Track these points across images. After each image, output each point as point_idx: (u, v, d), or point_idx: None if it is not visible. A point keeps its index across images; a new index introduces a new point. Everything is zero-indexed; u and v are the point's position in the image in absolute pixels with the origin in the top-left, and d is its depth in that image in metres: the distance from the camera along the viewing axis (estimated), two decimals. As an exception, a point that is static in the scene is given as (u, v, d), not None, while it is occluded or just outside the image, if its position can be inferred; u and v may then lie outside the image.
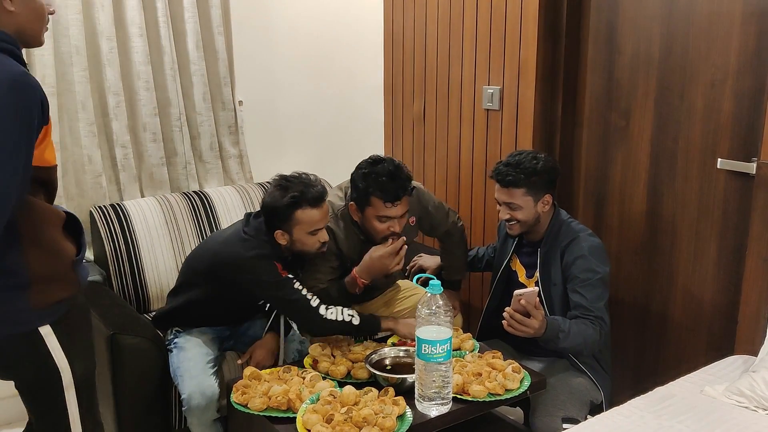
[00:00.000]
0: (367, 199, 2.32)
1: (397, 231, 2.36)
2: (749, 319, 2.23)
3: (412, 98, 3.36)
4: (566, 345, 2.17)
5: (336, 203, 2.48)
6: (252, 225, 2.26)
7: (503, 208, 2.34)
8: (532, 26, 2.72)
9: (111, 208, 2.76)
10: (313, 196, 2.19)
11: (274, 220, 2.21)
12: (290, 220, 2.19)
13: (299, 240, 2.22)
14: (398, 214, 2.33)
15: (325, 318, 2.20)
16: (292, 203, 2.18)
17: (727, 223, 2.41)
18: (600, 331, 2.22)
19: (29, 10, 1.58)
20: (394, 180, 2.29)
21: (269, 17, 3.27)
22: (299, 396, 1.94)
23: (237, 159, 3.23)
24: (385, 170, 2.29)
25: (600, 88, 2.73)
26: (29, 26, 1.60)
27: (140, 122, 2.94)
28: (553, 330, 2.13)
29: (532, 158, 2.31)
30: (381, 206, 2.30)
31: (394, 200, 2.29)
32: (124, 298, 2.71)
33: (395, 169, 2.31)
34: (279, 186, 2.23)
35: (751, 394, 1.92)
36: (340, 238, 2.43)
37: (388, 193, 2.28)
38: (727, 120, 2.36)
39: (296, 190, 2.19)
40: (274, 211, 2.21)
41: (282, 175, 2.28)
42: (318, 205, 2.21)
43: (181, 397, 2.19)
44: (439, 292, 1.88)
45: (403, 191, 2.30)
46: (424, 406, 1.90)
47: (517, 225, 2.33)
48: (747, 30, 2.27)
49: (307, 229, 2.21)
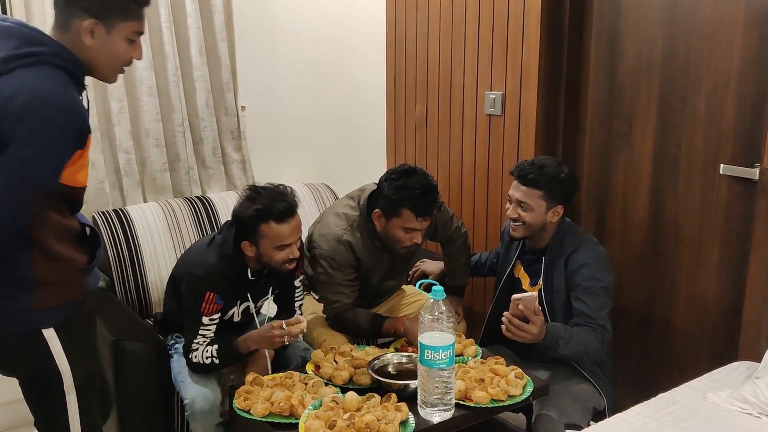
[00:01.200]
0: (397, 210, 2.32)
1: (418, 243, 2.39)
2: (752, 325, 2.22)
3: (414, 103, 3.37)
4: (566, 352, 2.17)
5: (351, 214, 2.48)
6: (224, 234, 2.23)
7: (513, 206, 2.33)
8: (534, 31, 2.72)
9: (114, 214, 2.77)
10: (279, 211, 2.12)
11: (242, 231, 2.17)
12: (256, 233, 2.14)
13: (265, 253, 2.17)
14: (424, 227, 2.36)
15: (191, 361, 2.19)
16: (256, 216, 2.12)
17: (730, 229, 2.40)
18: (602, 339, 2.21)
19: (107, 51, 1.62)
20: (427, 195, 2.30)
21: (272, 23, 3.28)
22: (302, 402, 1.94)
23: (240, 164, 3.23)
24: (419, 183, 2.30)
25: (602, 94, 2.73)
26: (101, 64, 1.64)
27: (143, 128, 2.95)
28: (553, 337, 2.13)
29: (558, 165, 2.33)
30: (412, 219, 2.31)
31: (426, 215, 2.31)
32: (127, 303, 2.71)
33: (428, 183, 2.32)
34: (248, 197, 2.17)
35: (755, 401, 1.91)
36: (358, 248, 2.43)
37: (420, 207, 2.29)
38: (730, 125, 2.36)
39: (262, 203, 2.12)
40: (241, 222, 2.16)
41: (254, 185, 2.23)
42: (284, 220, 2.13)
43: (184, 402, 2.19)
44: (442, 297, 1.88)
45: (434, 206, 2.33)
46: (427, 412, 1.90)
47: (522, 227, 2.33)
48: (749, 35, 2.27)
49: (274, 243, 2.15)
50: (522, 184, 2.31)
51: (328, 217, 2.52)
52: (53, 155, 1.51)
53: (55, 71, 1.54)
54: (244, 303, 2.30)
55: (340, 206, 2.55)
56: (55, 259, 1.61)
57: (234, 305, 2.28)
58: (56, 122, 1.48)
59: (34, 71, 1.51)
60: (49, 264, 1.60)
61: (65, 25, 1.58)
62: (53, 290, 1.63)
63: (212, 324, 2.20)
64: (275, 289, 2.37)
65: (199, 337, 2.19)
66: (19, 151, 1.46)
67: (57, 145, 1.50)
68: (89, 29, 1.57)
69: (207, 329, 2.19)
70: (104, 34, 1.59)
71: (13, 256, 1.56)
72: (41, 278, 1.60)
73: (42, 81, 1.50)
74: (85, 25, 1.57)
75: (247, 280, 2.25)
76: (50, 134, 1.48)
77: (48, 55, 1.54)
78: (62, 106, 1.50)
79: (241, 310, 2.31)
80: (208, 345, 2.19)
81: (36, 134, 1.46)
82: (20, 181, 1.48)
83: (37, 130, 1.46)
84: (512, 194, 2.34)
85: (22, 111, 1.45)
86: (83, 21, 1.56)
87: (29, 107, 1.45)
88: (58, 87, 1.51)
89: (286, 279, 2.36)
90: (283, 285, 2.37)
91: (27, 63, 1.52)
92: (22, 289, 1.59)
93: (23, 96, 1.46)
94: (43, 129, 1.47)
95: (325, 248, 2.40)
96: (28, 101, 1.46)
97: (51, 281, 1.62)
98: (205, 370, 2.21)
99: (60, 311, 1.65)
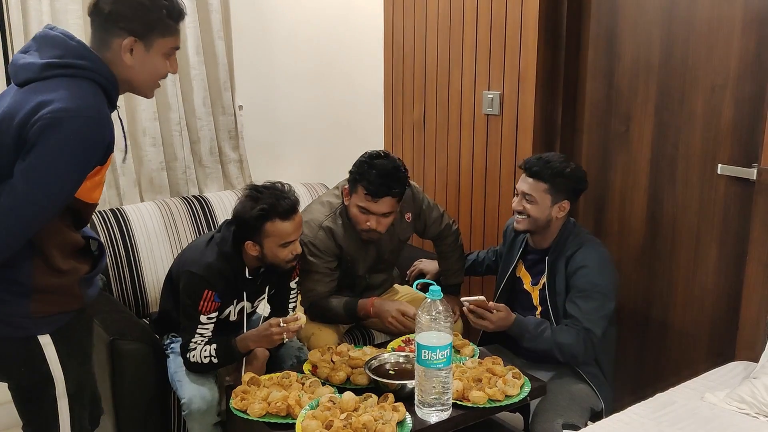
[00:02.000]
0: (354, 186, 2.37)
1: (374, 228, 2.37)
2: (750, 325, 2.22)
3: (412, 103, 3.36)
4: (532, 346, 2.25)
5: (334, 202, 2.51)
6: (223, 233, 2.23)
7: (519, 199, 2.35)
8: (532, 32, 2.72)
9: (111, 213, 2.76)
10: (284, 209, 2.13)
11: (245, 231, 2.17)
12: (260, 233, 2.14)
13: (270, 252, 2.17)
14: (378, 211, 2.35)
15: (188, 360, 2.19)
16: (261, 215, 2.12)
17: (728, 229, 2.40)
18: (584, 341, 2.21)
19: (146, 68, 1.63)
20: (383, 178, 2.31)
21: (269, 22, 3.28)
22: (298, 402, 1.93)
23: (237, 164, 3.23)
24: (379, 166, 2.32)
25: (600, 94, 2.73)
26: (140, 81, 1.65)
27: (140, 127, 2.94)
28: (519, 328, 2.24)
29: (563, 160, 2.35)
30: (363, 197, 2.33)
31: (375, 196, 2.32)
32: (124, 303, 2.71)
33: (391, 169, 2.33)
34: (249, 196, 2.17)
35: (752, 401, 1.91)
36: (339, 235, 2.45)
37: (372, 185, 2.31)
38: (728, 126, 2.36)
39: (266, 202, 2.12)
40: (244, 223, 2.16)
41: (253, 184, 2.24)
42: (289, 217, 2.14)
43: (181, 402, 2.18)
44: (440, 297, 1.88)
45: (386, 190, 2.32)
46: (424, 412, 1.89)
47: (525, 220, 2.33)
48: (747, 35, 2.27)
49: (278, 241, 2.15)
50: (528, 176, 2.33)
51: (312, 205, 2.56)
52: (77, 166, 1.51)
53: (93, 87, 1.55)
54: (241, 302, 2.29)
55: (326, 195, 2.59)
56: (53, 268, 1.61)
57: (231, 304, 2.28)
58: (85, 135, 1.49)
59: (73, 83, 1.52)
60: (46, 272, 1.60)
61: (104, 43, 1.58)
62: (51, 298, 1.62)
63: (210, 323, 2.19)
64: (271, 288, 2.37)
65: (196, 336, 2.18)
66: (44, 156, 1.46)
67: (82, 156, 1.50)
68: (129, 47, 1.58)
69: (205, 328, 2.19)
70: (143, 51, 1.60)
71: (15, 261, 1.56)
72: (38, 286, 1.59)
73: (78, 94, 1.50)
74: (125, 43, 1.57)
75: (245, 279, 2.25)
76: (77, 145, 1.48)
77: (89, 70, 1.55)
78: (94, 121, 1.50)
79: (237, 310, 2.31)
80: (206, 344, 2.18)
81: (64, 143, 1.46)
82: (41, 185, 1.48)
83: (65, 139, 1.46)
84: (519, 186, 2.36)
85: (54, 118, 1.45)
86: (123, 39, 1.57)
87: (62, 116, 1.45)
88: (93, 101, 1.52)
89: (282, 279, 2.35)
90: (278, 285, 2.37)
91: (67, 74, 1.52)
92: (20, 295, 1.59)
93: (58, 104, 1.46)
94: (71, 139, 1.47)
95: (307, 233, 2.41)
96: (62, 109, 1.46)
97: (49, 289, 1.61)
98: (203, 369, 2.20)
99: (57, 318, 1.65)
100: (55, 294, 1.63)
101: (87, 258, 1.72)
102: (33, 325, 1.62)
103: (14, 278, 1.58)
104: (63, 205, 1.56)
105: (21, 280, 1.58)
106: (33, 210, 1.50)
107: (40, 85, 1.51)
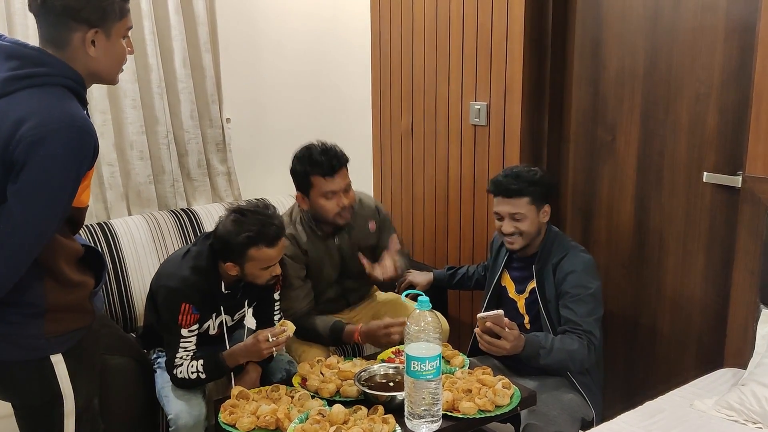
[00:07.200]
0: (308, 182, 2.41)
1: (345, 205, 2.42)
2: (737, 332, 2.23)
3: (400, 114, 3.37)
4: (548, 362, 2.18)
5: (287, 212, 2.57)
6: (199, 247, 2.21)
7: (507, 222, 2.33)
8: (518, 42, 2.74)
9: (98, 227, 2.74)
10: (271, 236, 2.11)
11: (226, 254, 2.14)
12: (243, 257, 2.12)
13: (251, 274, 2.16)
14: (341, 186, 2.40)
15: (176, 377, 2.17)
16: (247, 242, 2.09)
17: (714, 237, 2.42)
18: (588, 345, 2.22)
19: (109, 55, 1.59)
20: (326, 153, 2.39)
21: (256, 35, 3.28)
22: (288, 415, 1.92)
23: (225, 176, 3.22)
24: (315, 149, 2.41)
25: (586, 103, 2.75)
26: (106, 69, 1.61)
27: (127, 140, 2.93)
28: (533, 347, 2.15)
29: (529, 170, 2.36)
30: (322, 182, 2.38)
31: (332, 171, 2.37)
32: (112, 317, 2.68)
33: (323, 146, 2.42)
34: (235, 221, 2.12)
35: (741, 408, 1.92)
36: (302, 241, 2.49)
37: (323, 166, 2.37)
38: (712, 134, 2.38)
39: (252, 229, 2.09)
40: (226, 245, 2.13)
41: (238, 206, 2.19)
42: (275, 244, 2.13)
43: (168, 417, 2.17)
44: (428, 308, 1.87)
45: (337, 160, 2.39)
46: (414, 423, 1.89)
47: (520, 237, 2.33)
48: (730, 44, 2.29)
49: (261, 266, 2.14)
50: (506, 197, 2.32)
51: None
52: (70, 178, 1.48)
53: (62, 91, 1.51)
54: (219, 316, 2.28)
55: (287, 208, 2.65)
56: (64, 284, 1.59)
57: (209, 318, 2.26)
58: (73, 146, 1.46)
59: (41, 93, 1.48)
60: (58, 289, 1.58)
61: (60, 40, 1.53)
62: (64, 316, 1.60)
63: (192, 336, 2.18)
64: (252, 302, 2.35)
65: (180, 350, 2.16)
66: (37, 175, 1.43)
67: (74, 167, 1.48)
68: (91, 39, 1.54)
69: (187, 341, 2.17)
70: (105, 40, 1.56)
71: (24, 283, 1.53)
72: (51, 304, 1.57)
73: (52, 103, 1.47)
74: (87, 36, 1.53)
75: (221, 294, 2.23)
76: (67, 158, 1.45)
77: (53, 76, 1.50)
78: (77, 127, 1.47)
79: (216, 324, 2.29)
80: (192, 360, 2.17)
81: (54, 157, 1.43)
82: (38, 204, 1.46)
83: (55, 153, 1.43)
84: (500, 210, 2.34)
85: (37, 135, 1.41)
86: (84, 33, 1.53)
87: (44, 132, 1.42)
88: (69, 108, 1.48)
89: (263, 293, 2.34)
90: (260, 298, 2.36)
91: (31, 84, 1.48)
92: (34, 316, 1.56)
93: (35, 119, 1.42)
94: (61, 151, 1.44)
95: None
96: (41, 125, 1.42)
97: (62, 307, 1.59)
98: (191, 385, 2.18)
99: (70, 336, 1.63)
100: (69, 311, 1.61)
101: (90, 270, 1.70)
102: (47, 346, 1.60)
103: (26, 300, 1.55)
104: (63, 220, 1.54)
105: (33, 301, 1.55)
106: (34, 230, 1.48)
107: (5, 102, 1.46)
